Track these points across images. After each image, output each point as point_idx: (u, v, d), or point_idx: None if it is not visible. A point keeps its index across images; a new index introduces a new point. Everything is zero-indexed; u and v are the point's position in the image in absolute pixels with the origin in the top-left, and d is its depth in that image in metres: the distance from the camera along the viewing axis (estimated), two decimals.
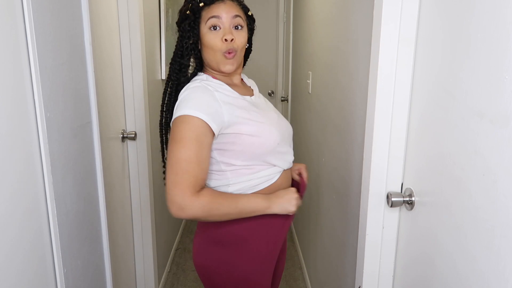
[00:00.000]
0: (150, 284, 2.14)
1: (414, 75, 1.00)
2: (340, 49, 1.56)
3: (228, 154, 1.06)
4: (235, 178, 1.08)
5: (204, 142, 0.98)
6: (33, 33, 0.84)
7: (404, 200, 1.03)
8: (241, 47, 1.08)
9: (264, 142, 1.06)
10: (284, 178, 1.17)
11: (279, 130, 1.11)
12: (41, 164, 0.89)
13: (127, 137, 1.88)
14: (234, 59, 1.07)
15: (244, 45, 1.10)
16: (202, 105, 0.98)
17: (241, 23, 1.08)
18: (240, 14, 1.07)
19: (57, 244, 0.95)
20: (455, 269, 0.81)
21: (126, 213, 1.90)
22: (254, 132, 1.04)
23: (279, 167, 1.13)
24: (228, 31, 1.04)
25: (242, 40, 1.08)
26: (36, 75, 0.85)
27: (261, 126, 1.06)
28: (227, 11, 1.05)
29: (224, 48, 1.04)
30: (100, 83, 1.44)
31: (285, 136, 1.14)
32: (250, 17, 1.14)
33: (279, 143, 1.09)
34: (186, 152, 0.96)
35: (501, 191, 0.67)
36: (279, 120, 1.17)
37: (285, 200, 1.08)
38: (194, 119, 0.96)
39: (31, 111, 0.86)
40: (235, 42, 1.05)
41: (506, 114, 0.66)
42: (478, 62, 0.73)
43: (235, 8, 1.07)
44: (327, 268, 1.81)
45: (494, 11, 0.69)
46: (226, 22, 1.05)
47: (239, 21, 1.07)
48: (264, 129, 1.06)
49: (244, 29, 1.09)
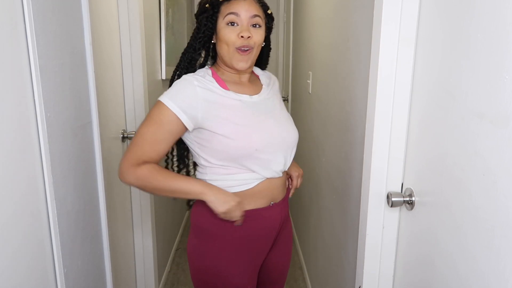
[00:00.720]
0: (150, 284, 2.14)
1: (414, 75, 1.00)
2: (340, 49, 1.56)
3: (206, 150, 1.09)
4: (212, 175, 1.11)
5: (166, 128, 1.04)
6: (33, 33, 0.84)
7: (404, 200, 1.03)
8: (257, 45, 1.09)
9: (240, 145, 1.05)
10: (267, 187, 1.13)
11: (263, 136, 1.08)
12: (41, 164, 0.89)
13: (127, 137, 1.88)
14: (248, 56, 1.08)
15: (260, 44, 1.11)
16: (178, 97, 1.04)
17: (260, 22, 1.08)
18: (259, 14, 1.08)
19: (57, 244, 0.95)
20: (455, 269, 0.81)
21: (126, 213, 1.90)
22: (228, 134, 1.04)
23: (259, 174, 1.10)
24: (246, 29, 1.05)
25: (259, 38, 1.08)
26: (36, 75, 0.86)
27: (239, 129, 1.05)
28: (246, 9, 1.05)
29: (239, 43, 1.05)
30: (100, 83, 1.44)
31: (273, 143, 1.10)
32: (269, 16, 1.14)
33: (257, 149, 1.06)
34: (144, 129, 1.05)
35: (501, 191, 0.67)
36: (272, 126, 1.11)
37: (223, 197, 1.04)
38: (165, 106, 1.03)
39: (31, 111, 0.86)
40: (252, 39, 1.06)
41: (506, 115, 0.66)
42: (478, 62, 0.73)
43: (254, 6, 1.07)
44: (327, 268, 1.81)
45: (494, 11, 0.69)
46: (244, 19, 1.06)
47: (257, 20, 1.07)
48: (242, 132, 1.06)
49: (262, 28, 1.10)
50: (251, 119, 1.09)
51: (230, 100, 1.09)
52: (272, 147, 1.10)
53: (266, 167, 1.10)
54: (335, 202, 1.64)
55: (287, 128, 1.16)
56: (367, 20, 1.19)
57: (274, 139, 1.11)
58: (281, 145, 1.13)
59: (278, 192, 1.18)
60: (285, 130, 1.15)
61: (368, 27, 1.16)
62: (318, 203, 2.02)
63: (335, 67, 1.63)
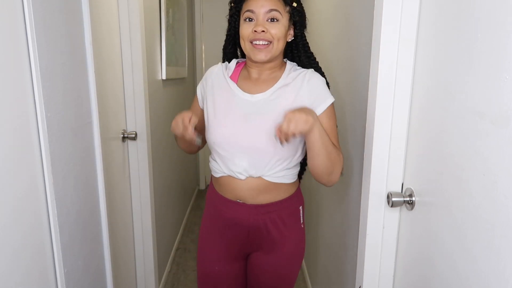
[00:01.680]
0: (150, 284, 2.14)
1: (414, 75, 1.00)
2: (340, 49, 1.56)
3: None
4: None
5: (194, 104, 1.29)
6: (33, 33, 0.84)
7: (405, 200, 1.03)
8: (277, 38, 1.10)
9: (208, 132, 1.18)
10: (229, 183, 1.18)
11: (223, 132, 1.13)
12: (41, 164, 0.89)
13: (127, 137, 1.88)
14: (267, 50, 1.10)
15: (281, 37, 1.10)
16: (201, 81, 1.26)
17: (277, 17, 1.09)
18: (277, 8, 1.09)
19: (58, 244, 0.95)
20: (456, 269, 0.81)
21: (126, 213, 1.90)
22: (207, 120, 1.19)
23: (221, 167, 1.18)
24: (260, 23, 1.08)
25: (276, 31, 1.09)
26: (36, 75, 0.86)
27: (213, 120, 1.16)
28: (261, 5, 1.08)
29: (252, 37, 1.09)
30: (100, 83, 1.44)
31: (228, 143, 1.13)
32: (294, 9, 1.13)
33: (215, 142, 1.15)
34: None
35: (501, 191, 0.67)
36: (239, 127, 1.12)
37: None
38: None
39: (32, 111, 0.86)
40: (268, 33, 1.09)
41: (506, 114, 0.66)
42: (478, 62, 0.73)
43: (271, 2, 1.09)
44: (328, 268, 1.81)
45: (494, 11, 0.69)
46: (259, 15, 1.09)
47: (274, 14, 1.09)
48: (213, 122, 1.16)
49: (281, 22, 1.10)
50: (232, 113, 1.14)
51: (226, 93, 1.17)
52: (229, 146, 1.13)
53: (225, 164, 1.17)
54: (335, 202, 1.64)
55: (256, 134, 1.10)
56: (367, 21, 1.19)
57: (229, 139, 1.13)
58: (237, 147, 1.12)
59: (244, 194, 1.17)
60: (250, 135, 1.11)
61: (369, 27, 1.16)
62: (318, 203, 2.02)
63: (335, 67, 1.63)
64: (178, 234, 2.99)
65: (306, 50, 1.20)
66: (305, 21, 1.18)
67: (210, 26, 3.89)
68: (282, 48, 1.14)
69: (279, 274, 1.27)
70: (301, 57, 1.20)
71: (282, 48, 1.13)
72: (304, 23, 1.18)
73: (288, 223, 1.24)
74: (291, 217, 1.25)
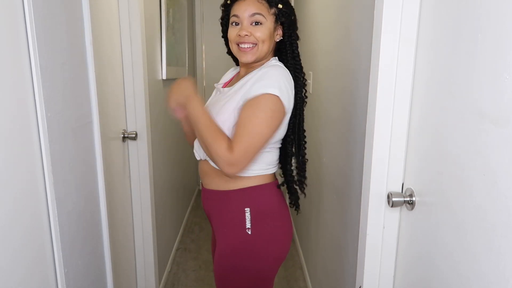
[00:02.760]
0: (150, 284, 2.14)
1: (414, 75, 1.00)
2: (340, 49, 1.56)
3: None
4: None
5: None
6: (34, 33, 0.84)
7: (405, 200, 1.03)
8: (261, 40, 1.14)
9: None
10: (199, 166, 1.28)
11: None
12: (41, 164, 0.89)
13: (128, 137, 1.88)
14: (253, 52, 1.15)
15: (266, 39, 1.14)
16: None
17: (260, 20, 1.13)
18: (260, 11, 1.12)
19: (58, 244, 0.95)
20: (456, 269, 0.81)
21: (127, 213, 1.90)
22: None
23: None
24: (244, 27, 1.13)
25: (260, 34, 1.13)
26: (36, 75, 0.86)
27: None
28: (244, 10, 1.13)
29: (237, 40, 1.15)
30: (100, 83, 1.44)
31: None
32: (280, 10, 1.15)
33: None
34: None
35: (501, 191, 0.67)
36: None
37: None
38: None
39: (32, 111, 0.86)
40: (252, 36, 1.13)
41: (506, 114, 0.66)
42: (478, 62, 0.73)
43: (254, 6, 1.12)
44: (328, 268, 1.81)
45: (495, 11, 0.69)
46: (243, 19, 1.14)
47: (257, 18, 1.13)
48: None
49: (265, 25, 1.13)
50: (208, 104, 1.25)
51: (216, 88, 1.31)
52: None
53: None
54: (335, 202, 1.64)
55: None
56: (368, 20, 1.19)
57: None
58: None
59: (203, 176, 1.27)
60: None
61: (369, 27, 1.16)
62: (318, 203, 2.02)
63: (335, 67, 1.63)
64: (179, 234, 2.99)
65: (293, 50, 1.20)
66: (294, 21, 1.19)
67: (210, 26, 3.88)
68: (268, 49, 1.17)
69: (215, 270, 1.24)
70: (288, 57, 1.20)
71: (267, 49, 1.17)
72: (293, 23, 1.19)
73: (226, 220, 1.19)
74: (232, 215, 1.17)
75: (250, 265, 1.17)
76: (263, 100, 1.07)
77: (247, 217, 1.15)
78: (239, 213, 1.16)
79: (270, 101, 1.07)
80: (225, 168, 1.05)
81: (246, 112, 1.07)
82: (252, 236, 1.15)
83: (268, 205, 1.18)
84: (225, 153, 1.04)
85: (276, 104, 1.08)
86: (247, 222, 1.15)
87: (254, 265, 1.18)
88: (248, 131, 1.06)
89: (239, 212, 1.16)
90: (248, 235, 1.15)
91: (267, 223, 1.17)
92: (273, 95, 1.07)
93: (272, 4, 1.14)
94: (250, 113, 1.07)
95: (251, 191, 1.17)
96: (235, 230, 1.17)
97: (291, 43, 1.19)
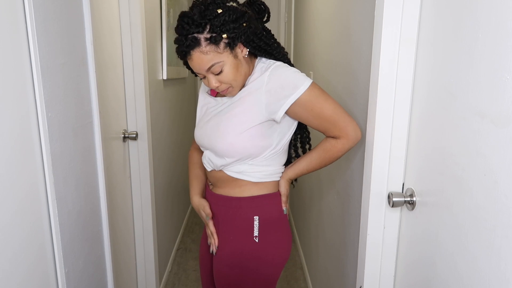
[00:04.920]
0: (151, 284, 2.14)
1: (415, 75, 1.00)
2: (341, 49, 1.55)
3: None
4: None
5: None
6: (34, 33, 0.84)
7: (405, 200, 1.03)
8: (232, 80, 1.06)
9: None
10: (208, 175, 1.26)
11: (196, 132, 1.23)
12: (42, 164, 0.90)
13: (128, 137, 1.88)
14: (230, 91, 1.10)
15: (236, 74, 1.06)
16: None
17: (217, 68, 1.04)
18: (211, 62, 1.02)
19: (59, 244, 0.95)
20: (456, 269, 0.81)
21: (127, 213, 1.90)
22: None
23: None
24: (209, 81, 1.07)
25: (227, 77, 1.05)
26: (37, 75, 0.86)
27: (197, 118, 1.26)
28: (198, 69, 1.05)
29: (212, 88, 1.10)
30: (101, 83, 1.44)
31: (199, 141, 1.21)
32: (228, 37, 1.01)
33: (196, 137, 1.23)
34: None
35: (502, 191, 0.67)
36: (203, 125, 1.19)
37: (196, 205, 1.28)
38: None
39: (33, 111, 0.86)
40: (222, 85, 1.08)
41: (507, 114, 0.65)
42: (479, 62, 0.73)
43: (203, 61, 1.02)
44: (328, 268, 1.81)
45: (496, 11, 0.69)
46: (204, 74, 1.07)
47: (215, 69, 1.04)
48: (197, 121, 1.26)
49: (226, 66, 1.04)
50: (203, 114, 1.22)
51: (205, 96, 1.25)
52: (199, 142, 1.21)
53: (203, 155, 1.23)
54: (336, 202, 1.64)
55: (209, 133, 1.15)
56: (368, 20, 1.19)
57: (199, 138, 1.20)
58: (201, 144, 1.21)
59: (215, 181, 1.24)
60: (207, 135, 1.16)
61: (370, 26, 1.16)
62: (319, 203, 2.02)
63: (336, 66, 1.63)
64: (179, 234, 2.99)
65: (267, 50, 1.11)
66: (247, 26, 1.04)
67: None
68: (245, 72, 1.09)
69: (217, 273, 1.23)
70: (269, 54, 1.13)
71: (244, 75, 1.09)
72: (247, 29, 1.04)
73: (234, 226, 1.18)
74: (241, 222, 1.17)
75: (254, 271, 1.18)
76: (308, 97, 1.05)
77: (256, 225, 1.16)
78: (248, 221, 1.16)
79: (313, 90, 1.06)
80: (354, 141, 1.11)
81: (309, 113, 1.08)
82: (259, 244, 1.16)
83: (275, 214, 1.19)
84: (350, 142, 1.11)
85: (316, 86, 1.07)
86: (255, 230, 1.16)
87: (259, 271, 1.18)
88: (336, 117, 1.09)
89: (248, 220, 1.16)
90: (255, 243, 1.16)
91: (273, 231, 1.18)
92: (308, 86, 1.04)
93: (217, 40, 1.00)
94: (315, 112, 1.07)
95: (261, 199, 1.17)
96: (242, 237, 1.17)
97: (259, 48, 1.09)
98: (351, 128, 1.09)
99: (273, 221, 1.18)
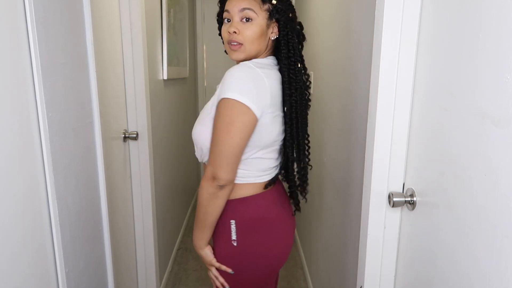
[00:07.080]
0: (151, 283, 2.14)
1: (415, 75, 1.00)
2: (341, 50, 1.55)
3: None
4: None
5: None
6: (35, 33, 0.84)
7: (406, 200, 1.02)
8: (248, 40, 1.07)
9: None
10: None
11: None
12: (42, 164, 0.90)
13: (128, 137, 1.88)
14: (239, 50, 1.09)
15: (255, 38, 1.07)
16: None
17: (250, 16, 1.06)
18: (250, 6, 1.06)
19: (59, 244, 0.95)
20: (457, 269, 0.81)
21: (127, 213, 1.90)
22: None
23: None
24: (233, 24, 1.08)
25: (249, 33, 1.07)
26: (37, 75, 0.86)
27: None
28: (233, 5, 1.08)
29: (227, 38, 1.10)
30: (101, 83, 1.44)
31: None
32: (274, 6, 1.08)
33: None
34: None
35: (503, 191, 0.67)
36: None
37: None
38: None
39: (33, 111, 0.86)
40: (240, 34, 1.07)
41: (507, 115, 0.65)
42: (480, 62, 0.73)
43: (245, 1, 1.07)
44: (329, 268, 1.81)
45: (496, 12, 0.69)
46: (234, 15, 1.08)
47: (247, 13, 1.07)
48: None
49: (255, 22, 1.07)
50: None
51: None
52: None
53: None
54: (336, 202, 1.64)
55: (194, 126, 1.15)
56: (369, 21, 1.19)
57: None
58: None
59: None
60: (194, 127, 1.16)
61: (370, 28, 1.16)
62: (319, 203, 2.02)
63: (336, 67, 1.63)
64: (179, 234, 2.99)
65: (289, 49, 1.11)
66: (291, 19, 1.10)
67: (211, 26, 3.89)
68: (259, 48, 1.10)
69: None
70: (282, 56, 1.11)
71: (258, 48, 1.09)
72: (290, 21, 1.10)
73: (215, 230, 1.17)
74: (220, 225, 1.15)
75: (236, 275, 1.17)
76: (221, 107, 1.01)
77: (233, 229, 1.14)
78: (225, 225, 1.15)
79: (228, 107, 0.99)
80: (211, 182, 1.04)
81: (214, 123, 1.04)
82: (237, 247, 1.14)
83: (253, 216, 1.14)
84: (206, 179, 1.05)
85: (236, 108, 0.99)
86: (233, 234, 1.14)
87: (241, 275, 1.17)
88: (213, 143, 1.03)
89: (225, 224, 1.14)
90: (233, 247, 1.14)
91: (252, 233, 1.14)
92: (230, 99, 0.98)
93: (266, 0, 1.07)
94: (216, 123, 1.03)
95: (236, 203, 1.14)
96: (222, 242, 1.16)
97: (287, 42, 1.10)
98: (213, 167, 1.02)
99: (251, 224, 1.14)
